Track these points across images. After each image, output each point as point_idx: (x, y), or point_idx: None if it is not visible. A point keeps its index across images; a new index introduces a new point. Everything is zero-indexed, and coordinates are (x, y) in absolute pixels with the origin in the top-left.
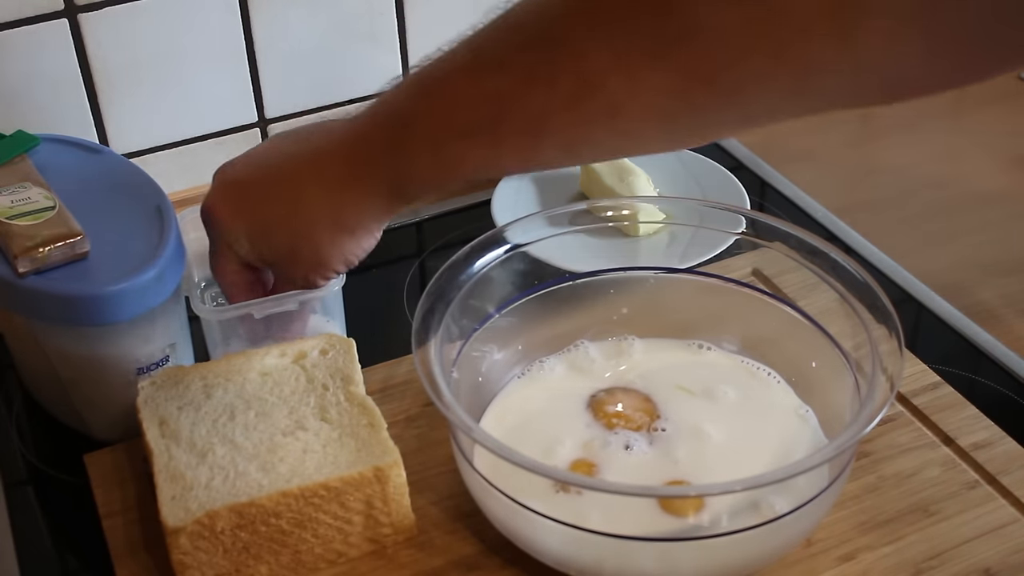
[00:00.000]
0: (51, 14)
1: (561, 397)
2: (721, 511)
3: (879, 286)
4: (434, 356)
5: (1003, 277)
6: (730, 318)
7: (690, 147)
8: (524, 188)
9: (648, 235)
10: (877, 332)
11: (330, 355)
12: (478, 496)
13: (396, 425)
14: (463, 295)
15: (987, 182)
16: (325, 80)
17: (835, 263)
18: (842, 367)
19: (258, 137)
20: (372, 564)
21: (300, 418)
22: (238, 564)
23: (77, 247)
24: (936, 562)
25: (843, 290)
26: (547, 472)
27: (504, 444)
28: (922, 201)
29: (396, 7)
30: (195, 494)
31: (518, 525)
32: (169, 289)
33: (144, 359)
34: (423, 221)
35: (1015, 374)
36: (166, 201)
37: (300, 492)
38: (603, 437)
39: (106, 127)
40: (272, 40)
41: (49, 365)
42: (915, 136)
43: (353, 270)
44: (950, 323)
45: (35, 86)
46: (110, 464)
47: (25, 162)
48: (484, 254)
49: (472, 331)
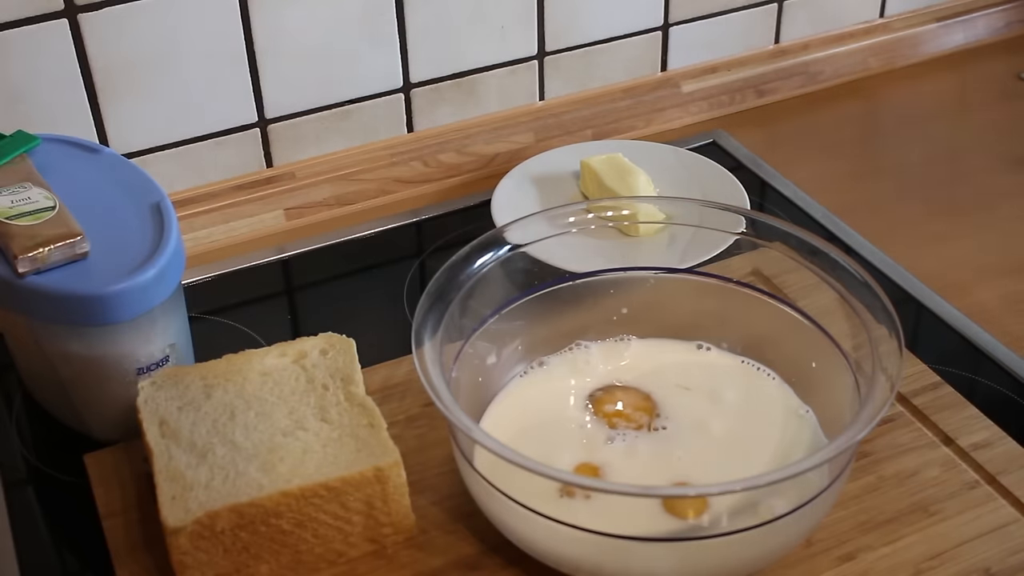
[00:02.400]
0: (51, 14)
1: (561, 396)
2: (721, 511)
3: (879, 286)
4: (434, 356)
5: (1003, 277)
6: (730, 318)
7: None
8: (524, 188)
9: (648, 235)
10: (877, 332)
11: (330, 355)
12: (478, 497)
13: (396, 425)
14: (463, 295)
15: (987, 182)
16: (325, 80)
17: (835, 263)
18: (842, 367)
19: (258, 137)
20: (372, 564)
21: (300, 418)
22: (238, 564)
23: (77, 247)
24: (936, 562)
25: (843, 290)
26: (551, 474)
27: (506, 446)
28: (922, 201)
29: (396, 7)
30: (195, 494)
31: (518, 526)
32: (169, 289)
33: (144, 359)
34: (423, 221)
35: (1015, 374)
36: (166, 201)
37: (300, 492)
38: (604, 435)
39: (106, 127)
40: (272, 40)
41: (49, 365)
42: (915, 136)
43: (353, 270)
44: (950, 323)
45: (35, 86)
46: (110, 464)
47: (25, 162)
48: (484, 254)
49: (472, 331)
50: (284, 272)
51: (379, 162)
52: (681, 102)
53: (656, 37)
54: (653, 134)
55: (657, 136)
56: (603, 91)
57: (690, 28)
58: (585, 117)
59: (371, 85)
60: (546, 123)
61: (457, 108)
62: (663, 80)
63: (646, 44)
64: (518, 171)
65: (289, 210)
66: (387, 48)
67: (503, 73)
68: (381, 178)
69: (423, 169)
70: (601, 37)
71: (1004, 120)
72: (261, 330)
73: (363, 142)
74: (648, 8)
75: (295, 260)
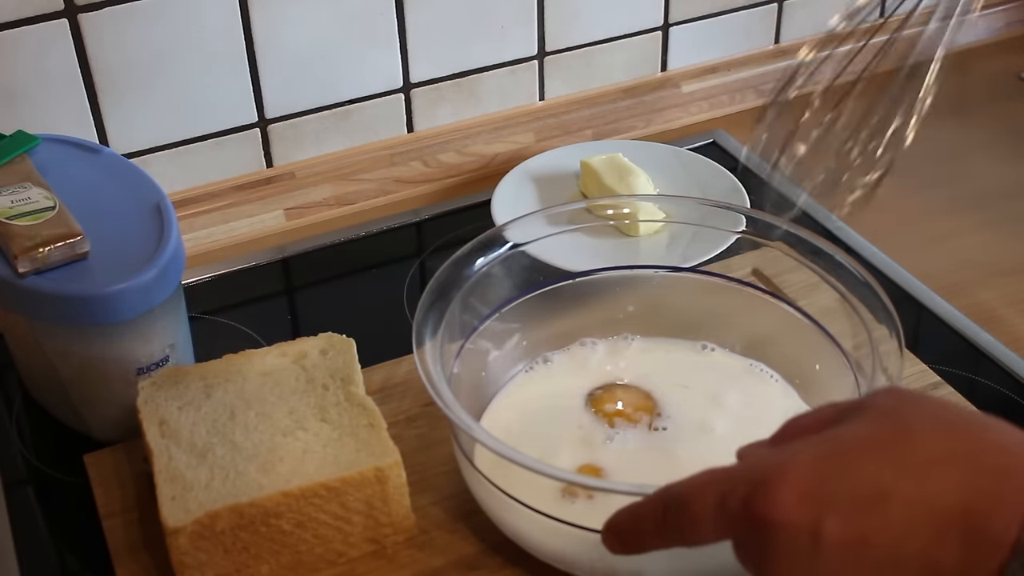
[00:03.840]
0: (51, 14)
1: (562, 395)
2: None
3: (880, 286)
4: (435, 354)
5: (1003, 277)
6: (732, 318)
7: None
8: (524, 188)
9: (648, 235)
10: (878, 332)
11: (330, 355)
12: (478, 495)
13: (396, 425)
14: (464, 293)
15: (988, 182)
16: (325, 80)
17: (836, 263)
18: (843, 367)
19: (258, 137)
20: (372, 564)
21: (300, 418)
22: (238, 564)
23: (77, 247)
24: None
25: (844, 290)
26: (553, 474)
27: (507, 445)
28: (922, 201)
29: (396, 7)
30: (195, 494)
31: (519, 524)
32: (169, 289)
33: (144, 359)
34: (423, 221)
35: (1015, 374)
36: (166, 201)
37: (300, 492)
38: (604, 434)
39: (106, 127)
40: (272, 40)
41: (49, 365)
42: (915, 136)
43: (353, 270)
44: (950, 323)
45: (35, 86)
46: (110, 464)
47: (25, 162)
48: (485, 253)
49: (473, 329)
50: (284, 272)
51: (379, 162)
52: (681, 102)
53: (656, 37)
54: (653, 134)
55: (657, 136)
56: (603, 91)
57: (690, 28)
58: (585, 117)
59: (371, 85)
60: (546, 123)
61: (457, 108)
62: (663, 80)
63: (646, 44)
64: (518, 171)
65: (289, 210)
66: (387, 48)
67: (503, 73)
68: (381, 178)
69: (423, 169)
70: (601, 37)
71: (1004, 120)
72: (261, 330)
73: (363, 142)
74: (648, 8)
75: (295, 260)
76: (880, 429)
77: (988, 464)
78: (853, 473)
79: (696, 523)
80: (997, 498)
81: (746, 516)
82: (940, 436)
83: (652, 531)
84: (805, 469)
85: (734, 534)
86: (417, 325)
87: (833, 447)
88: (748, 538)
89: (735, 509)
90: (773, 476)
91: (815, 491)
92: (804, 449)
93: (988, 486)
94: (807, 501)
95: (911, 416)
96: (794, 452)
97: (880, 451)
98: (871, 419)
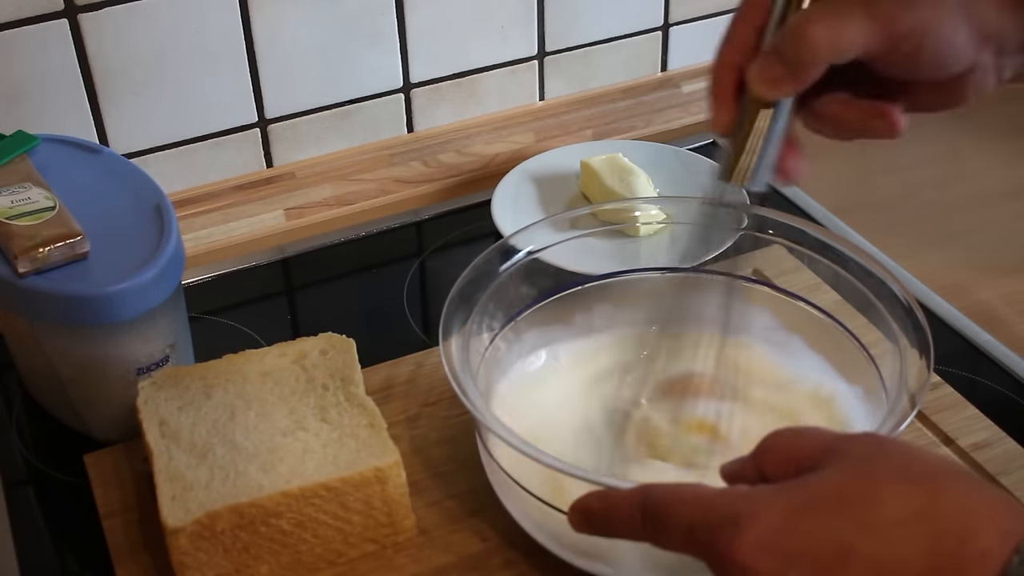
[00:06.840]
0: (51, 14)
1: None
2: None
3: (900, 285)
4: (460, 352)
5: (1003, 277)
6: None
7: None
8: (524, 188)
9: (649, 235)
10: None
11: (330, 355)
12: (501, 492)
13: (396, 425)
14: (485, 297)
15: (987, 182)
16: (325, 80)
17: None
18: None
19: (258, 137)
20: (372, 564)
21: (300, 418)
22: (238, 564)
23: (77, 247)
24: None
25: (872, 299)
26: (585, 476)
27: (546, 453)
28: (922, 201)
29: (396, 7)
30: (195, 494)
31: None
32: (169, 289)
33: (144, 359)
34: (423, 221)
35: (1015, 374)
36: (166, 201)
37: (300, 492)
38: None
39: (106, 127)
40: (272, 40)
41: (49, 365)
42: (915, 136)
43: (353, 270)
44: (950, 323)
45: (35, 86)
46: (110, 464)
47: (25, 162)
48: (503, 259)
49: (498, 330)
50: (284, 272)
51: (379, 162)
52: (681, 102)
53: (656, 37)
54: (653, 134)
55: (657, 136)
56: (603, 91)
57: (690, 28)
58: (585, 117)
59: (371, 85)
60: (546, 123)
61: (457, 108)
62: (663, 80)
63: (646, 44)
64: (518, 171)
65: (289, 210)
66: (387, 48)
67: (503, 73)
68: (381, 178)
69: (423, 169)
70: (601, 37)
71: (1004, 120)
72: (261, 330)
73: (363, 142)
74: (648, 8)
75: (295, 260)
76: (852, 480)
77: (951, 529)
78: (821, 529)
79: (666, 534)
80: (959, 562)
81: (711, 549)
82: (907, 493)
83: (623, 525)
84: (775, 519)
85: (700, 558)
86: (444, 323)
87: (804, 500)
88: (712, 566)
89: (703, 538)
90: (743, 519)
91: (781, 544)
92: (778, 498)
93: (951, 550)
94: (771, 553)
95: (882, 469)
96: (768, 500)
97: (848, 507)
98: (844, 470)
